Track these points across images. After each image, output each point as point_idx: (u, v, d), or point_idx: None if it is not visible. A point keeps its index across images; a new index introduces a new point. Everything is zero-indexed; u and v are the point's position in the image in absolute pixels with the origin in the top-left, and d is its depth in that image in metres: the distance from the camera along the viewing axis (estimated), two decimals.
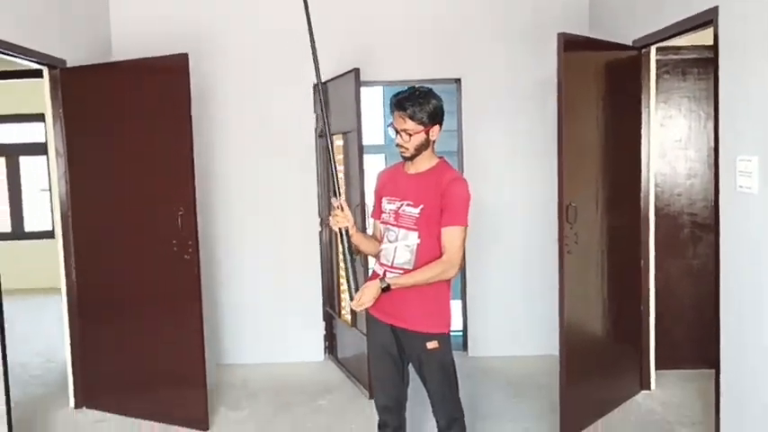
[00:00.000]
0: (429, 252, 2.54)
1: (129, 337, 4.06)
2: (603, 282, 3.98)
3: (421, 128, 2.51)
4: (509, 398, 4.29)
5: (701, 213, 4.61)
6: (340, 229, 2.61)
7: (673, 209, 4.62)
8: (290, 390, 4.50)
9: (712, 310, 3.41)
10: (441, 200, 2.49)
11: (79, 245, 4.18)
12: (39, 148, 8.26)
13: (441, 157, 2.66)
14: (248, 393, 4.46)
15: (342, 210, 2.59)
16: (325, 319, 5.12)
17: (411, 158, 2.58)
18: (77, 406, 4.23)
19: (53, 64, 4.02)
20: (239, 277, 5.06)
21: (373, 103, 11.15)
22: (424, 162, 2.60)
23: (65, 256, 4.19)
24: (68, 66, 4.12)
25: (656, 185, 4.38)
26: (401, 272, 2.56)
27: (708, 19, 3.20)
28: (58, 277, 4.26)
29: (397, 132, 2.54)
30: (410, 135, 2.52)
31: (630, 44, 4.11)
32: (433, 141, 2.58)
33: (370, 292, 2.54)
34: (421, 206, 2.53)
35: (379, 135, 11.36)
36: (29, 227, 8.51)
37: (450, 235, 2.48)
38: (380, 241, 2.71)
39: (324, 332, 5.12)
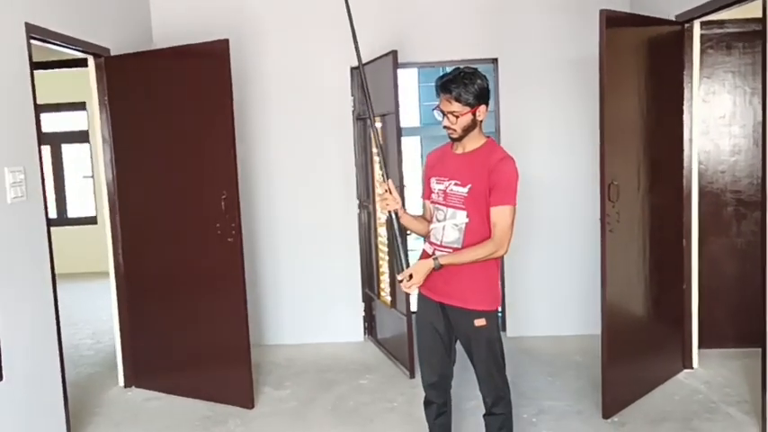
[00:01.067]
0: (477, 231, 2.55)
1: (175, 319, 4.16)
2: (645, 260, 3.94)
3: (467, 109, 2.51)
4: (549, 377, 4.29)
5: (745, 191, 4.53)
6: (390, 211, 2.63)
7: (716, 186, 4.54)
8: (332, 369, 4.57)
9: (756, 288, 3.37)
10: (489, 179, 2.50)
11: (125, 229, 4.28)
12: (81, 136, 8.49)
13: (488, 137, 2.66)
14: (290, 373, 4.55)
15: (390, 192, 2.61)
16: (364, 301, 5.18)
17: (459, 139, 2.59)
18: (127, 385, 4.37)
19: (98, 53, 4.10)
20: (280, 260, 5.14)
21: (408, 85, 11.11)
22: (472, 142, 2.61)
23: (112, 240, 4.30)
24: (112, 54, 4.21)
25: (700, 163, 4.31)
26: (450, 250, 2.59)
27: None
28: (100, 262, 4.38)
29: (444, 115, 2.55)
30: (457, 117, 2.52)
31: (673, 19, 4.03)
32: (481, 121, 2.59)
33: (421, 271, 2.57)
34: (469, 185, 2.54)
35: (415, 117, 11.33)
36: (72, 213, 8.75)
37: (500, 214, 2.49)
38: (430, 221, 2.74)
39: (363, 313, 5.18)
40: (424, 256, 2.70)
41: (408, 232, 2.70)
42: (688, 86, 4.11)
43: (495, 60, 4.98)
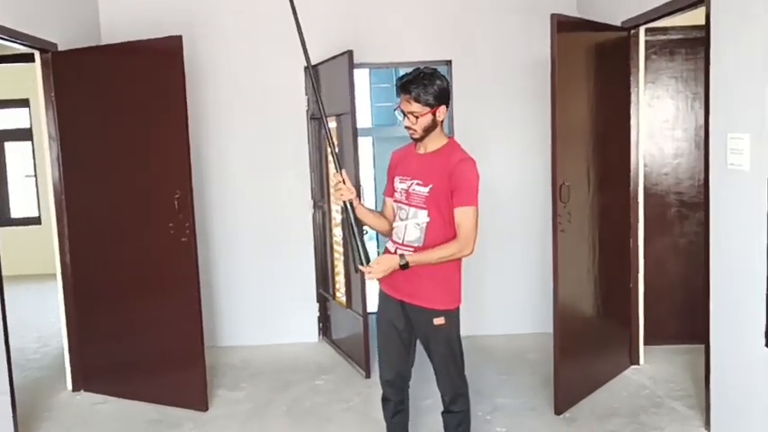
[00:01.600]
0: (438, 230, 2.59)
1: (127, 321, 4.08)
2: (595, 259, 4.06)
3: (427, 109, 2.54)
4: (503, 374, 4.37)
5: (687, 192, 4.70)
6: (344, 201, 2.64)
7: (660, 188, 4.70)
8: (287, 370, 4.55)
9: (698, 287, 3.50)
10: (449, 180, 2.54)
11: (73, 229, 4.17)
12: (22, 134, 8.21)
13: (450, 137, 2.70)
14: (246, 374, 4.51)
15: (344, 183, 2.62)
16: (318, 301, 5.17)
17: (420, 139, 2.62)
18: (75, 389, 4.25)
19: (45, 48, 3.99)
20: (234, 260, 5.09)
21: (360, 86, 11.13)
22: (434, 142, 2.64)
23: (59, 241, 4.18)
24: (59, 49, 4.09)
25: (645, 165, 4.45)
26: (411, 249, 2.62)
27: None
28: (45, 263, 4.25)
29: (405, 115, 2.58)
30: (417, 117, 2.55)
31: (620, 25, 4.16)
32: (441, 121, 2.62)
33: (386, 263, 2.58)
34: (430, 185, 2.58)
35: (367, 118, 11.38)
36: (14, 213, 8.46)
37: (464, 215, 2.53)
38: (389, 219, 2.77)
39: (318, 314, 5.17)
40: (386, 254, 2.72)
41: (364, 229, 2.70)
42: (634, 91, 4.25)
43: (449, 62, 5.04)
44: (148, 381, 4.05)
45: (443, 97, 2.57)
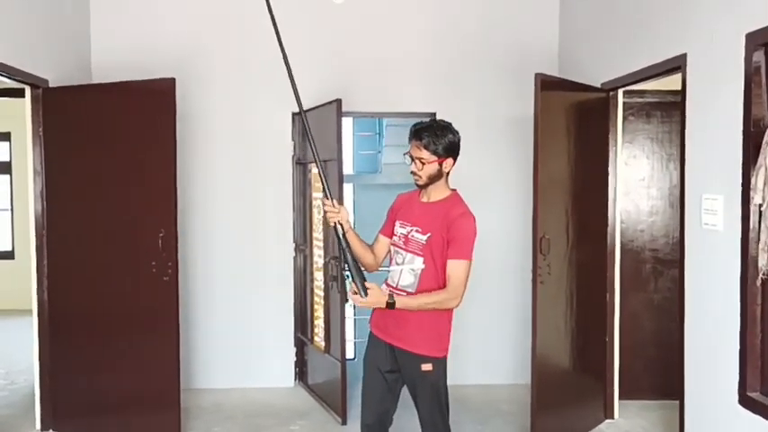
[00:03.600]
0: (431, 278, 2.65)
1: (102, 359, 4.02)
2: (572, 313, 4.12)
3: (435, 158, 2.63)
4: (479, 424, 4.37)
5: (662, 249, 4.82)
6: (335, 223, 2.65)
7: (636, 244, 4.82)
8: (262, 414, 4.50)
9: (672, 343, 3.57)
10: (447, 232, 2.60)
11: (52, 264, 4.13)
12: (1, 167, 8.14)
13: (453, 190, 2.77)
14: (219, 418, 4.45)
15: (333, 206, 2.64)
16: (296, 345, 5.14)
17: (424, 187, 2.70)
18: (44, 428, 4.15)
19: (36, 83, 4.02)
20: (212, 301, 5.06)
21: (344, 134, 11.30)
22: (437, 192, 2.72)
23: (37, 276, 4.14)
24: (51, 86, 4.13)
25: (621, 222, 4.58)
26: (404, 294, 2.66)
27: (676, 65, 3.42)
28: (15, 299, 4.19)
29: (413, 160, 2.66)
30: (423, 164, 2.63)
31: (599, 86, 4.33)
32: (447, 173, 2.71)
33: (375, 296, 2.58)
34: (429, 234, 2.64)
35: (349, 165, 11.53)
36: None
37: (456, 268, 2.59)
38: (376, 255, 2.82)
39: (295, 358, 5.14)
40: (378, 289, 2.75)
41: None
42: (612, 149, 4.39)
43: (433, 115, 5.15)
44: (122, 421, 3.98)
45: (452, 150, 2.66)
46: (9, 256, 8.07)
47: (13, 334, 6.37)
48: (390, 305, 2.59)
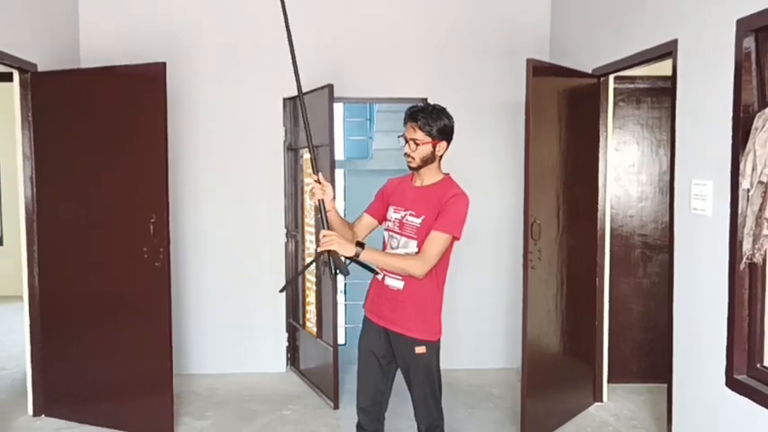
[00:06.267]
0: None
1: (94, 345, 4.02)
2: (562, 297, 4.16)
3: (428, 140, 2.64)
4: (469, 408, 4.41)
5: (651, 234, 4.86)
6: (319, 201, 2.64)
7: (625, 230, 4.86)
8: (254, 400, 4.52)
9: (659, 327, 3.61)
10: (440, 213, 2.61)
11: (43, 250, 4.12)
12: None
13: (447, 174, 2.78)
14: (212, 403, 4.47)
15: (320, 183, 2.63)
16: (288, 331, 5.16)
17: (417, 169, 2.71)
18: (36, 414, 4.15)
19: (24, 68, 3.99)
20: (204, 287, 5.07)
21: (335, 120, 11.28)
22: (430, 176, 2.73)
23: (28, 262, 4.12)
24: (39, 70, 4.10)
25: (611, 207, 4.61)
26: (400, 278, 2.67)
27: (667, 51, 3.44)
28: (6, 285, 4.17)
29: (407, 142, 2.67)
30: (417, 145, 2.65)
31: (590, 72, 4.34)
32: (440, 157, 2.72)
33: (338, 240, 2.50)
34: (422, 217, 2.65)
35: (340, 151, 11.52)
36: None
37: (435, 239, 2.59)
38: (357, 234, 2.81)
39: (287, 343, 5.16)
40: (374, 281, 2.78)
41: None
42: (603, 135, 4.41)
43: (424, 100, 5.15)
44: (114, 407, 3.98)
45: (446, 134, 2.68)
46: None
47: (3, 320, 6.34)
48: (356, 255, 2.52)
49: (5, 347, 5.60)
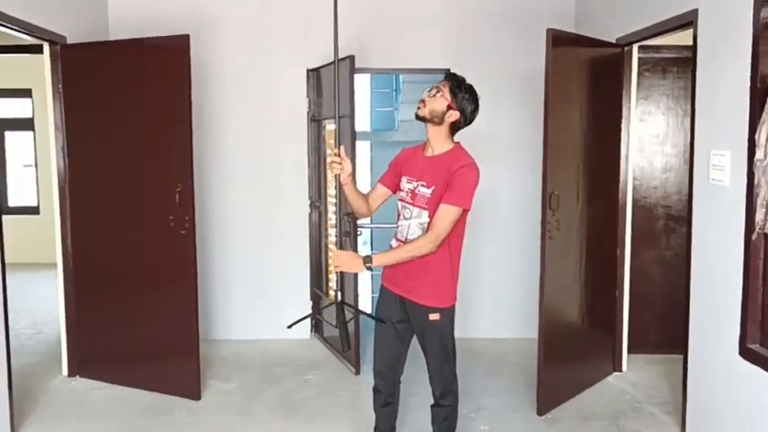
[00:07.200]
0: None
1: (124, 310, 4.17)
2: (581, 268, 4.18)
3: (447, 99, 2.67)
4: (488, 376, 4.49)
5: (675, 206, 4.83)
6: (336, 176, 2.75)
7: (649, 201, 4.83)
8: (278, 364, 4.65)
9: (681, 298, 3.62)
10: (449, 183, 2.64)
11: (75, 219, 4.27)
12: (23, 124, 8.29)
13: (457, 143, 2.80)
14: (237, 367, 4.61)
15: (339, 157, 2.70)
16: (311, 299, 5.27)
17: (421, 119, 2.73)
18: (71, 374, 4.35)
19: (54, 40, 4.09)
20: (230, 255, 5.19)
21: (361, 91, 11.26)
22: (440, 145, 2.75)
23: (61, 230, 4.28)
24: (68, 42, 4.20)
25: (634, 178, 4.58)
26: None
27: (688, 20, 3.40)
28: (40, 252, 4.31)
29: (430, 90, 2.72)
30: (435, 95, 2.69)
31: (614, 42, 4.29)
32: (449, 124, 2.72)
33: (349, 264, 2.69)
34: (433, 187, 2.69)
35: (366, 122, 11.51)
36: (11, 202, 8.53)
37: (444, 212, 2.63)
38: (370, 203, 2.90)
39: (311, 311, 5.27)
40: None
41: (359, 230, 2.81)
42: (626, 106, 4.38)
43: (446, 71, 5.14)
44: (144, 369, 4.15)
45: (464, 110, 2.71)
46: (34, 211, 8.27)
47: (38, 286, 6.58)
48: (368, 267, 2.65)
49: (42, 312, 5.82)
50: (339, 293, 2.78)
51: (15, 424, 3.55)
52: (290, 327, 3.00)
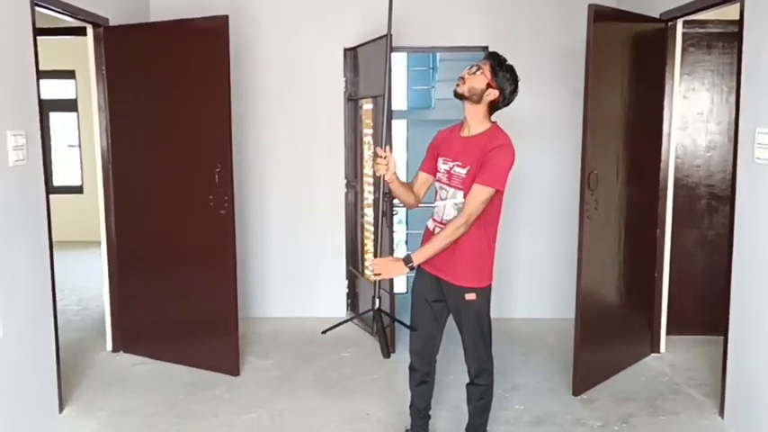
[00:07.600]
0: None
1: (166, 287, 4.27)
2: (620, 248, 4.12)
3: (488, 78, 2.66)
4: (523, 356, 4.48)
5: (718, 185, 4.72)
6: (381, 177, 2.76)
7: (691, 180, 4.73)
8: (314, 342, 4.70)
9: (723, 279, 3.56)
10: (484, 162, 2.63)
11: (118, 198, 4.36)
12: (67, 105, 8.47)
13: (494, 122, 2.78)
14: (275, 344, 4.69)
15: (382, 157, 2.71)
16: (348, 278, 5.32)
17: (459, 96, 2.71)
18: (115, 350, 4.48)
19: (97, 22, 4.16)
20: (268, 234, 5.26)
21: (397, 70, 11.21)
22: (477, 125, 2.73)
23: (105, 209, 4.38)
24: (111, 24, 4.26)
25: (677, 157, 4.49)
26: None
27: None
28: (85, 231, 4.41)
29: (471, 68, 2.70)
30: (475, 72, 2.67)
31: (658, 17, 4.18)
32: (488, 103, 2.70)
33: (390, 270, 2.71)
34: (468, 167, 2.68)
35: (403, 101, 11.47)
36: (56, 182, 8.74)
37: (476, 193, 2.62)
38: (416, 193, 2.90)
39: (347, 290, 5.33)
40: (427, 232, 2.85)
41: (395, 210, 2.81)
42: (669, 83, 4.28)
43: (485, 48, 5.09)
44: (185, 345, 4.25)
45: (503, 90, 2.68)
46: (78, 190, 8.49)
47: (82, 264, 6.76)
48: (411, 267, 2.68)
49: (87, 289, 5.99)
50: (378, 300, 2.77)
51: (64, 396, 3.67)
52: (324, 332, 2.99)
